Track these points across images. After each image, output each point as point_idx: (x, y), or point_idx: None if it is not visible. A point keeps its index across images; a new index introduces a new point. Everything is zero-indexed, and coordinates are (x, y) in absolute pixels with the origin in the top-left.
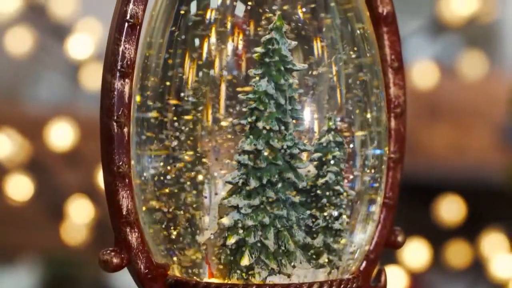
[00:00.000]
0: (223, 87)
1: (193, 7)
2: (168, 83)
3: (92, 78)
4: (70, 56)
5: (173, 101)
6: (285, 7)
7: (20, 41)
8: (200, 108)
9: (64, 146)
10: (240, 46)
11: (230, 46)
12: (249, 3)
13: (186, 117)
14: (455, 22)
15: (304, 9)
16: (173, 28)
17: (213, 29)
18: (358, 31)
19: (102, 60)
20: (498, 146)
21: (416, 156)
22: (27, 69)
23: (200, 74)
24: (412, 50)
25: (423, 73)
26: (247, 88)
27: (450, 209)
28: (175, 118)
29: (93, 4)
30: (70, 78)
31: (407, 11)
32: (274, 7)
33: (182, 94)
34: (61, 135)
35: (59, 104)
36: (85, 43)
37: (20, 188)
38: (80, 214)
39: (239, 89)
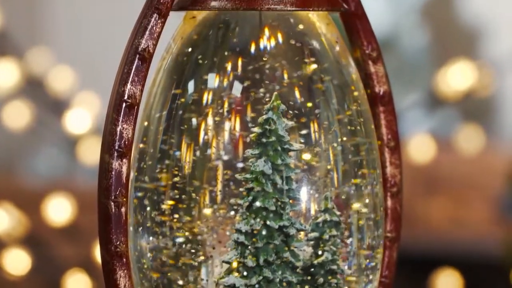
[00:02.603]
0: (220, 168)
1: (190, 88)
2: (164, 166)
3: (89, 153)
4: (68, 130)
5: (169, 184)
6: (282, 88)
7: (18, 115)
8: (197, 190)
9: (61, 220)
10: (237, 127)
11: (227, 127)
12: (246, 83)
13: (183, 199)
14: (452, 96)
15: (300, 90)
16: (170, 109)
17: (210, 111)
18: (355, 111)
19: (100, 135)
20: (495, 219)
21: (413, 229)
22: (24, 143)
23: (197, 155)
24: (409, 124)
25: (420, 146)
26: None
27: (448, 283)
28: (171, 201)
29: (91, 78)
30: (68, 152)
31: (404, 84)
32: (271, 88)
33: (178, 177)
34: (59, 209)
35: (57, 178)
36: (83, 117)
37: (18, 262)
38: None
39: (236, 170)
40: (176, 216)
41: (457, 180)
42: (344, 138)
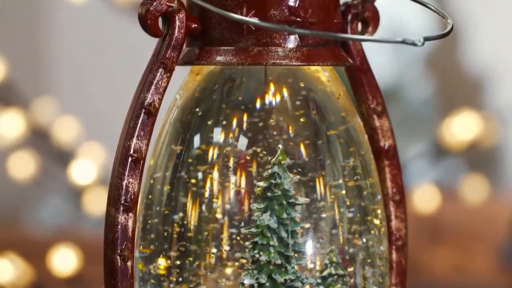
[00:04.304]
0: (225, 222)
1: (195, 144)
2: (170, 224)
3: (95, 203)
4: (73, 181)
5: (175, 241)
6: (287, 142)
7: (23, 166)
8: (203, 244)
9: (67, 270)
10: (243, 182)
11: (232, 183)
12: (251, 139)
13: (189, 255)
14: (456, 146)
15: (306, 144)
16: (175, 166)
17: (216, 167)
18: (360, 165)
19: (105, 185)
20: (500, 268)
21: (418, 278)
22: (30, 193)
23: (203, 210)
24: (414, 174)
25: (424, 196)
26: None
27: None
28: (178, 258)
29: (96, 129)
30: (73, 202)
31: (408, 135)
32: (277, 142)
33: (184, 233)
34: (64, 260)
35: (62, 229)
36: (88, 168)
37: None
38: None
39: (242, 224)
40: (182, 271)
41: (462, 229)
42: (349, 192)
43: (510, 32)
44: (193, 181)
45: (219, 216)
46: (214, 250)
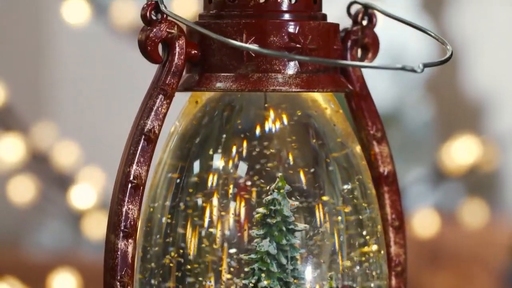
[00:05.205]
0: (225, 249)
1: (195, 171)
2: (169, 252)
3: (94, 227)
4: (72, 205)
5: (175, 269)
6: (287, 169)
7: (23, 190)
8: (203, 272)
9: None
10: (242, 209)
11: (232, 210)
12: (251, 165)
13: (189, 283)
14: (456, 171)
15: (305, 170)
16: (174, 194)
17: (215, 194)
18: (359, 191)
19: (105, 210)
20: None
21: None
22: (29, 217)
23: (202, 236)
24: (413, 198)
25: (424, 220)
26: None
27: None
28: (177, 284)
29: (95, 153)
30: (73, 227)
31: (408, 159)
32: (276, 169)
33: (183, 262)
34: (64, 284)
35: (62, 253)
36: (87, 192)
37: None
38: None
39: (241, 250)
40: None
41: (461, 254)
42: (349, 218)
43: (510, 58)
44: (192, 210)
45: (218, 244)
46: (214, 277)
